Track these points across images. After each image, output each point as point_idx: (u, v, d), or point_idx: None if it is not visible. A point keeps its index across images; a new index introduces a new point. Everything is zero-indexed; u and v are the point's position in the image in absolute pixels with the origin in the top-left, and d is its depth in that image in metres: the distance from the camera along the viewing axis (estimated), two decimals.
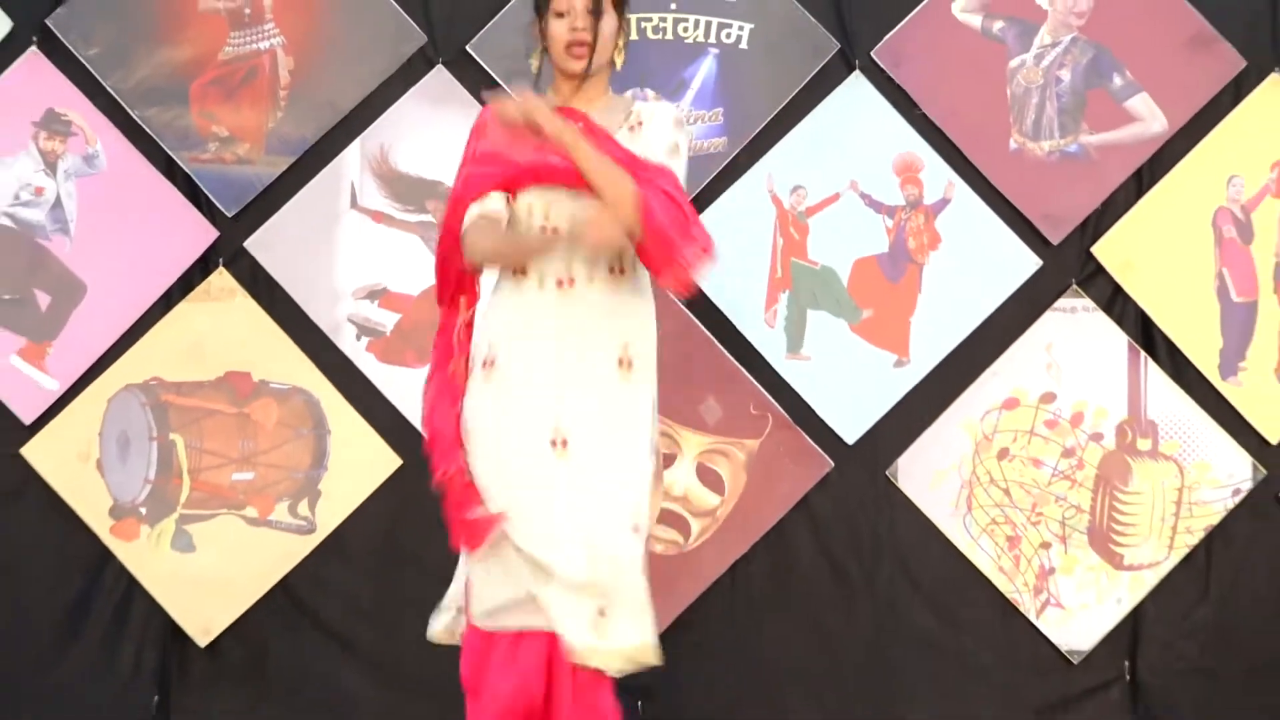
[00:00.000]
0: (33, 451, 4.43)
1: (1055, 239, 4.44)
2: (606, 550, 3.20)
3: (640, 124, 3.36)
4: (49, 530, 4.47)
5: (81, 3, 4.42)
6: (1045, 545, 4.46)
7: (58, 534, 4.47)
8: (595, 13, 3.26)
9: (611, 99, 3.40)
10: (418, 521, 4.37)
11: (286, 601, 4.45)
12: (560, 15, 3.26)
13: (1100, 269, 4.46)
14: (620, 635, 3.20)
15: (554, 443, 3.25)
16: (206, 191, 4.46)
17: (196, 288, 4.46)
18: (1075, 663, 4.45)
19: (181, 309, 4.46)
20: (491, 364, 3.31)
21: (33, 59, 4.42)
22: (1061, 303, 4.46)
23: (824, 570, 4.49)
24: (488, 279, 3.32)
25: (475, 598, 3.26)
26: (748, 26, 4.42)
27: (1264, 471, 4.46)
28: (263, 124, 4.44)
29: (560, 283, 3.29)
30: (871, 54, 4.43)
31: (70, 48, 4.41)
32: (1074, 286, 4.45)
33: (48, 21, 4.41)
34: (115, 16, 4.44)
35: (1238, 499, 4.45)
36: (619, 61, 3.39)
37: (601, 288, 3.29)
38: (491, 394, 3.30)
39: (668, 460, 4.41)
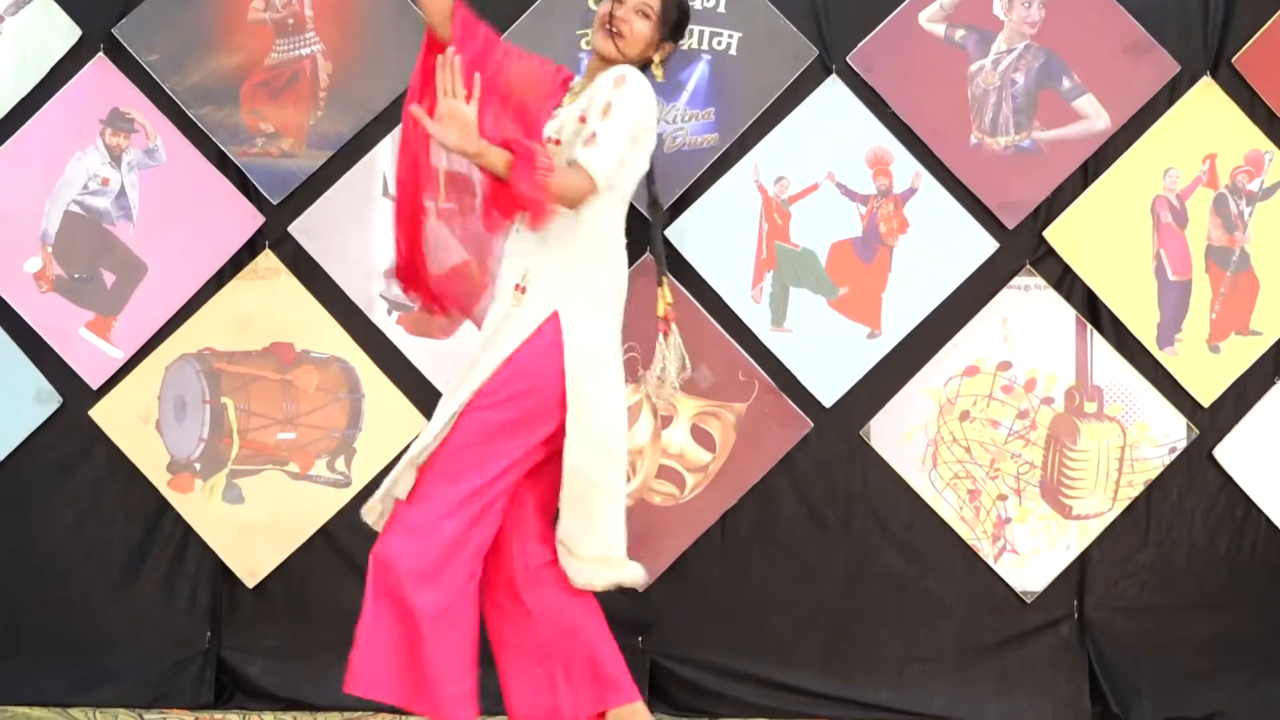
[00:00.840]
0: (100, 413, 4.60)
1: (1011, 224, 4.57)
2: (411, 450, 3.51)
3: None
4: (114, 484, 4.63)
5: (144, 14, 4.57)
6: (1002, 497, 4.59)
7: (122, 487, 4.62)
8: (640, 12, 3.55)
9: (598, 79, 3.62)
10: None
11: (325, 546, 4.61)
12: (617, 1, 3.55)
13: (1051, 251, 4.59)
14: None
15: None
16: (254, 182, 4.60)
17: (245, 267, 4.61)
18: (1029, 602, 4.58)
19: (231, 286, 4.61)
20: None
21: (100, 64, 4.58)
22: (1016, 281, 4.59)
23: (804, 519, 4.61)
24: None
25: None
26: (736, 35, 4.58)
27: (1197, 431, 4.58)
28: (304, 121, 4.58)
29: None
30: (846, 59, 4.57)
31: (134, 54, 4.57)
32: (1027, 266, 4.59)
33: (114, 31, 4.57)
34: (174, 26, 4.57)
35: (1173, 456, 4.58)
36: (658, 74, 3.66)
37: (523, 226, 3.56)
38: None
39: (665, 421, 4.56)
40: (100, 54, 4.64)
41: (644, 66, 3.65)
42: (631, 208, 3.72)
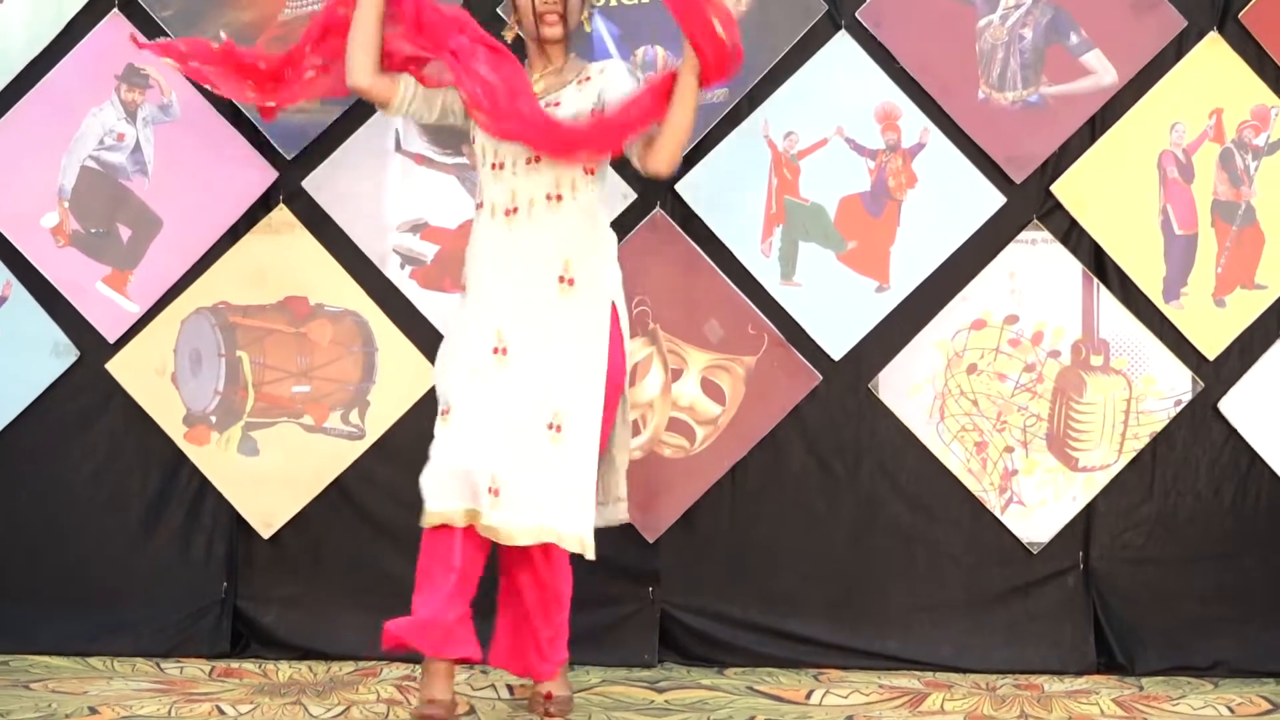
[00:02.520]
0: (116, 366, 4.65)
1: (1018, 179, 4.59)
2: (515, 445, 3.73)
3: (588, 79, 3.83)
4: (131, 436, 4.67)
5: None
6: (1009, 450, 4.61)
7: (139, 439, 4.67)
8: None
9: (569, 62, 3.85)
10: None
11: (339, 498, 4.66)
12: None
13: (1058, 205, 4.60)
14: (501, 515, 3.72)
15: (495, 350, 3.74)
16: (268, 137, 4.62)
17: (259, 222, 4.65)
18: (1035, 553, 4.61)
19: (246, 241, 4.65)
20: (464, 289, 3.87)
21: (115, 20, 4.60)
22: (1023, 235, 4.60)
23: (813, 471, 4.65)
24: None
25: None
26: None
27: (1202, 384, 4.60)
28: None
29: (507, 211, 3.77)
30: (855, 14, 4.59)
31: (148, 9, 4.60)
32: (1034, 221, 4.61)
33: None
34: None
35: (1179, 409, 4.60)
36: (587, 25, 3.85)
37: (541, 213, 3.75)
38: (459, 315, 3.81)
39: (675, 374, 4.60)
40: (115, 9, 4.67)
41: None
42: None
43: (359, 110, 4.63)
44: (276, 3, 4.66)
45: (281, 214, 4.68)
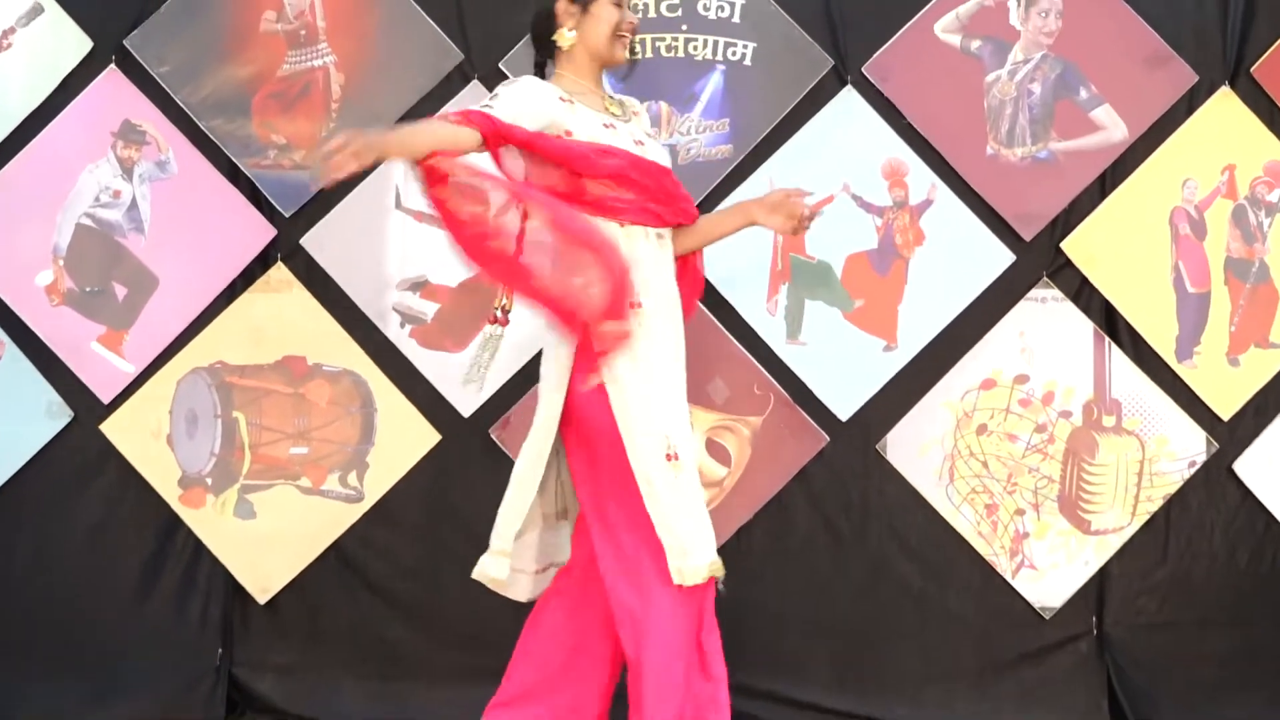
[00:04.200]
0: (111, 428, 4.58)
1: (1028, 236, 4.55)
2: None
3: (637, 113, 3.71)
4: (126, 498, 4.60)
5: (155, 25, 4.56)
6: (1020, 512, 4.56)
7: (134, 501, 4.60)
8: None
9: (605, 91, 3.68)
10: (455, 490, 4.53)
11: (338, 562, 4.59)
12: (619, 6, 3.51)
13: (1068, 263, 4.55)
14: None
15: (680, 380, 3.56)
16: (266, 194, 4.58)
17: (257, 280, 4.59)
18: (1047, 618, 4.55)
19: (244, 299, 4.59)
20: (638, 305, 3.46)
21: (112, 75, 4.56)
22: (1033, 293, 4.56)
23: (820, 533, 4.58)
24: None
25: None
26: (751, 45, 4.56)
27: (1216, 445, 4.55)
28: (317, 133, 4.54)
29: (659, 234, 3.59)
30: (862, 70, 4.55)
31: (145, 65, 4.55)
32: (1044, 278, 4.57)
33: (125, 42, 4.56)
34: (185, 37, 4.55)
35: (1193, 470, 4.55)
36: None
37: (667, 237, 3.65)
38: (648, 335, 3.47)
39: None
40: (112, 65, 4.63)
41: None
42: None
43: None
44: (275, 58, 4.63)
45: (279, 272, 4.63)
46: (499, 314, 3.53)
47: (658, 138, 3.64)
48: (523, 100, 3.38)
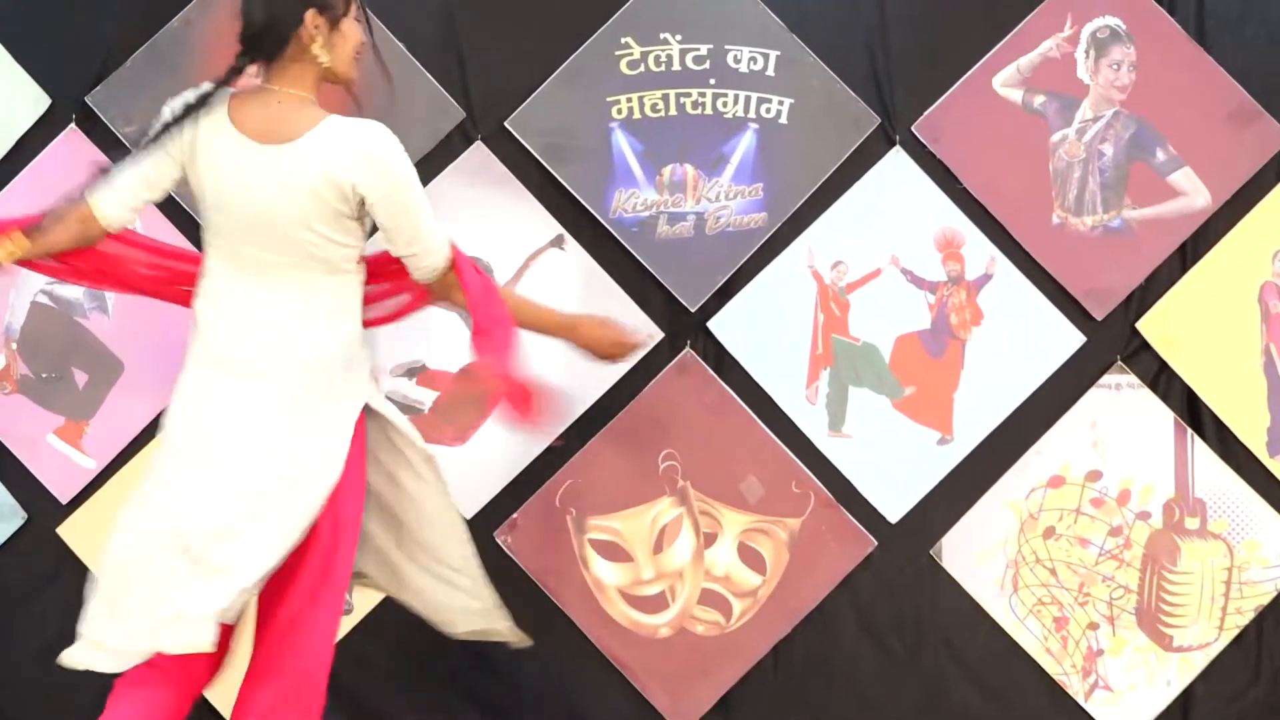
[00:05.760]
0: (69, 531, 4.35)
1: (1099, 315, 4.38)
2: None
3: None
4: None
5: (120, 80, 4.35)
6: (1093, 626, 4.38)
7: None
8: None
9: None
10: None
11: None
12: (359, 21, 3.33)
13: (1145, 345, 4.39)
14: None
15: None
16: None
17: None
18: None
19: None
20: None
21: (72, 135, 4.34)
22: (1106, 379, 4.39)
23: (868, 650, 4.41)
24: None
25: None
26: (787, 101, 4.36)
27: None
28: None
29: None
30: (912, 128, 4.38)
31: (109, 124, 4.33)
32: (1119, 363, 4.39)
33: (87, 99, 4.34)
34: (153, 94, 4.20)
35: None
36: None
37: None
38: None
39: (709, 539, 4.33)
40: (72, 125, 4.39)
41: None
42: None
43: None
44: None
45: None
46: None
47: None
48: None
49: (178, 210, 4.28)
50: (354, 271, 3.31)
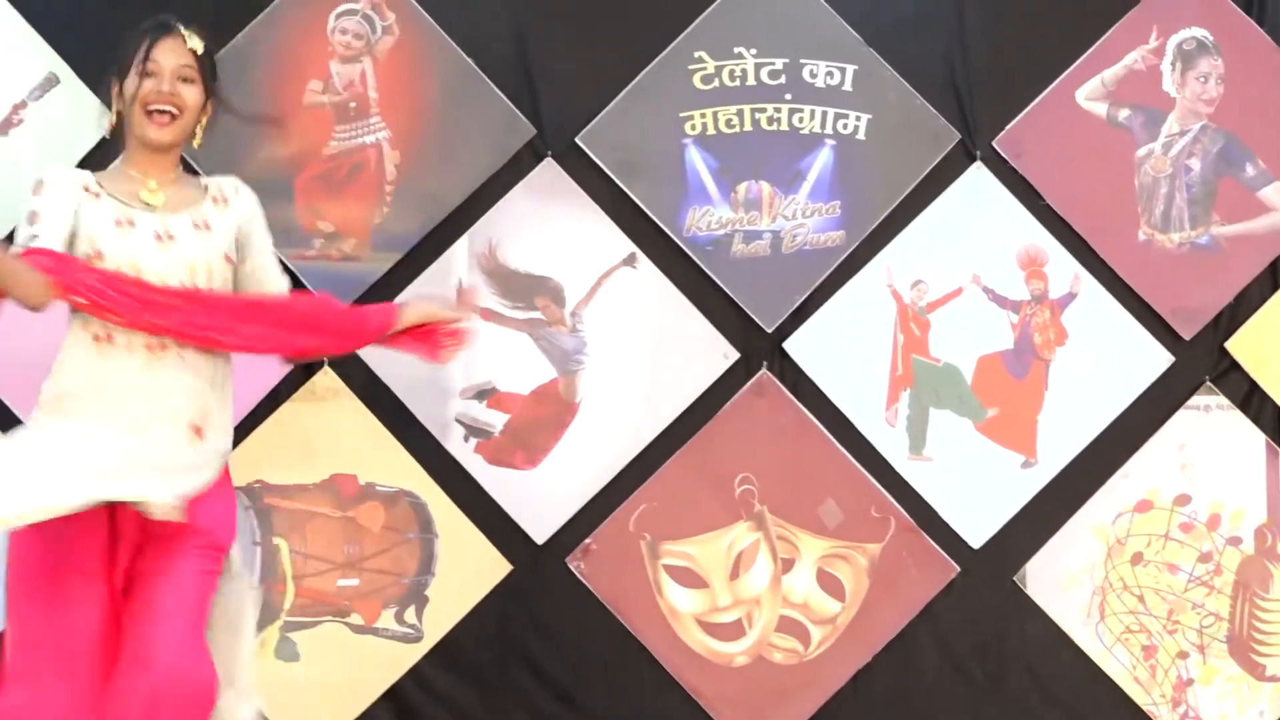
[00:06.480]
0: None
1: (1187, 334, 4.35)
2: None
3: (225, 199, 3.29)
4: None
5: None
6: (1183, 655, 4.35)
7: None
8: (186, 79, 3.18)
9: (184, 176, 3.30)
10: (528, 628, 4.30)
11: (393, 711, 4.32)
12: (149, 75, 3.16)
13: (1235, 365, 4.37)
14: None
15: None
16: (311, 289, 4.27)
17: (301, 388, 4.35)
18: None
19: (286, 410, 4.34)
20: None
21: None
22: (1195, 400, 4.37)
23: (950, 680, 4.37)
24: None
25: None
26: (865, 117, 4.33)
27: None
28: (369, 219, 4.34)
29: (150, 348, 3.19)
30: (993, 143, 4.37)
31: None
32: (1207, 383, 4.37)
33: None
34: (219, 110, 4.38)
35: None
36: (198, 138, 3.28)
37: (194, 358, 3.20)
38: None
39: (786, 565, 4.29)
40: None
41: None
42: None
43: (415, 256, 4.34)
44: (321, 134, 4.36)
45: (326, 379, 4.37)
46: None
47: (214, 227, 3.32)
48: (46, 205, 3.16)
49: None
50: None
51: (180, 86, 3.17)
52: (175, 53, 3.15)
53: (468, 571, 4.35)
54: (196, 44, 3.21)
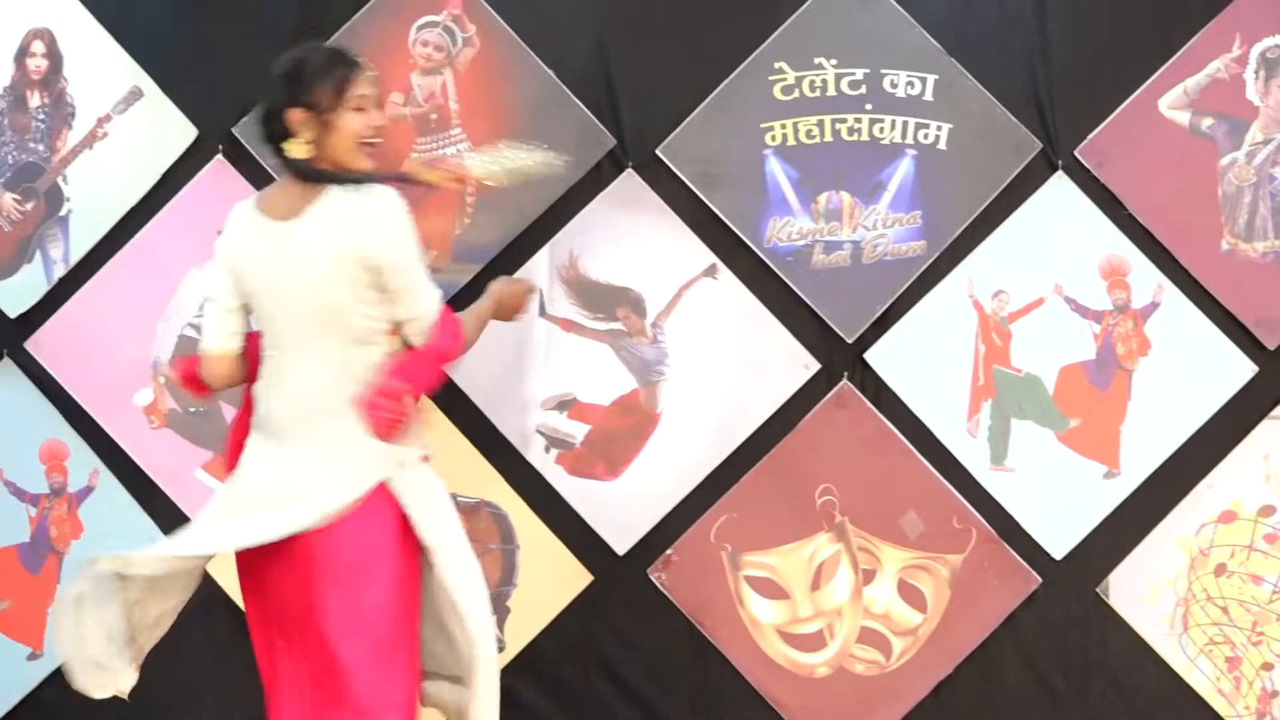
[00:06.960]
0: (219, 568, 4.11)
1: (1271, 344, 4.28)
2: None
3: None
4: (238, 646, 4.13)
5: None
6: (1268, 667, 4.29)
7: (245, 649, 3.89)
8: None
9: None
10: (610, 639, 4.27)
11: None
12: (360, 110, 3.23)
13: None
14: None
15: None
16: None
17: None
18: None
19: None
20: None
21: (218, 166, 4.33)
22: (1279, 411, 4.29)
23: (1032, 691, 4.32)
24: None
25: None
26: (946, 126, 4.27)
27: None
28: (449, 231, 4.32)
29: None
30: (1075, 153, 4.29)
31: (255, 155, 4.28)
32: None
33: (234, 130, 4.31)
34: None
35: None
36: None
37: None
38: None
39: (868, 576, 4.25)
40: (219, 156, 4.37)
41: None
42: None
43: (495, 269, 4.28)
44: (402, 146, 4.33)
45: None
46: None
47: None
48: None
49: None
50: (383, 344, 3.24)
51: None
52: (373, 85, 3.27)
53: (549, 582, 4.33)
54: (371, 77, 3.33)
